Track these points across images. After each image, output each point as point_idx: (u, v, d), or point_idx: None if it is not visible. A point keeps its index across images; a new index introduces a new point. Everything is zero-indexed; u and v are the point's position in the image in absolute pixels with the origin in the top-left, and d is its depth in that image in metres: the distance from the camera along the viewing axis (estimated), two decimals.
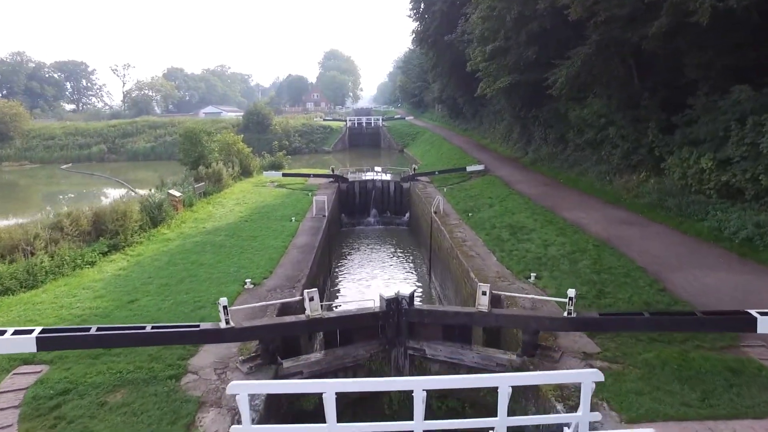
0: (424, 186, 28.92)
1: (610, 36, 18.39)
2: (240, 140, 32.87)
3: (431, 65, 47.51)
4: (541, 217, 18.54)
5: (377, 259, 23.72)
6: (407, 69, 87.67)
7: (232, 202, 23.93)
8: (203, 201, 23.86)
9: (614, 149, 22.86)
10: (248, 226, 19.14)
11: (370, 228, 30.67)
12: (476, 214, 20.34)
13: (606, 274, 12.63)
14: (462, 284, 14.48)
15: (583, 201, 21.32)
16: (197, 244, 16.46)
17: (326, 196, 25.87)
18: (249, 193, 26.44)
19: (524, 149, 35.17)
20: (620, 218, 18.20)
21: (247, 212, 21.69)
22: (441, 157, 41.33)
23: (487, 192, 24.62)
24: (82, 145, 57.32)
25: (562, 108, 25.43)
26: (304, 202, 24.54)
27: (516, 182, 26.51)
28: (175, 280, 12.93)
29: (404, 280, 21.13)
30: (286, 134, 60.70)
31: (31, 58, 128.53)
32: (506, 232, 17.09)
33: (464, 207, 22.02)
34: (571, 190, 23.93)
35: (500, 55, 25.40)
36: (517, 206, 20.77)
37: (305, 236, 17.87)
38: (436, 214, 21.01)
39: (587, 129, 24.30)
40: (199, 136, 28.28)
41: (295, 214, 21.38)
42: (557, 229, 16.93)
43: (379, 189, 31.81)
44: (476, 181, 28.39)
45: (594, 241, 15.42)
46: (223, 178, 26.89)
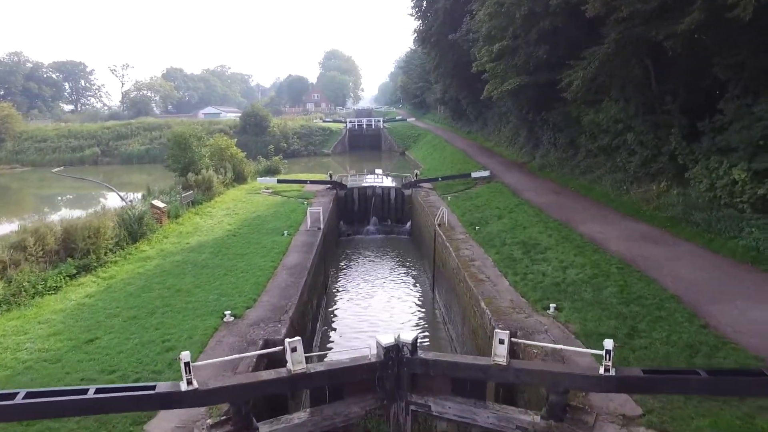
0: (427, 193, 27.36)
1: (631, 34, 16.79)
2: (233, 144, 31.33)
3: (433, 65, 45.91)
4: (556, 233, 16.96)
5: (377, 274, 22.15)
6: (408, 69, 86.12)
7: (221, 213, 22.39)
8: (191, 211, 22.33)
9: (631, 156, 21.27)
10: (236, 241, 17.60)
11: (370, 237, 29.14)
12: (484, 228, 18.76)
13: (636, 306, 11.05)
14: (471, 313, 12.92)
15: (599, 213, 19.73)
16: (177, 265, 14.92)
17: (323, 205, 24.40)
18: (241, 202, 24.90)
19: (531, 154, 33.57)
20: (642, 234, 16.61)
21: (237, 225, 20.15)
22: (444, 161, 39.76)
23: (494, 201, 23.05)
24: (74, 148, 55.80)
25: (574, 111, 23.84)
26: (298, 212, 23.00)
27: (524, 190, 24.93)
28: (146, 311, 11.38)
29: (405, 298, 19.56)
30: (284, 136, 59.14)
31: (28, 59, 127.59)
32: (518, 251, 15.52)
33: (470, 219, 20.45)
34: (583, 199, 22.34)
35: (508, 55, 23.82)
36: (527, 218, 19.19)
37: (297, 254, 16.31)
38: (441, 227, 19.45)
39: (602, 134, 22.70)
40: (188, 141, 26.75)
41: (288, 227, 19.84)
42: (574, 247, 15.36)
43: (380, 196, 30.27)
44: (482, 188, 26.81)
45: (617, 262, 13.84)
46: (213, 185, 25.36)
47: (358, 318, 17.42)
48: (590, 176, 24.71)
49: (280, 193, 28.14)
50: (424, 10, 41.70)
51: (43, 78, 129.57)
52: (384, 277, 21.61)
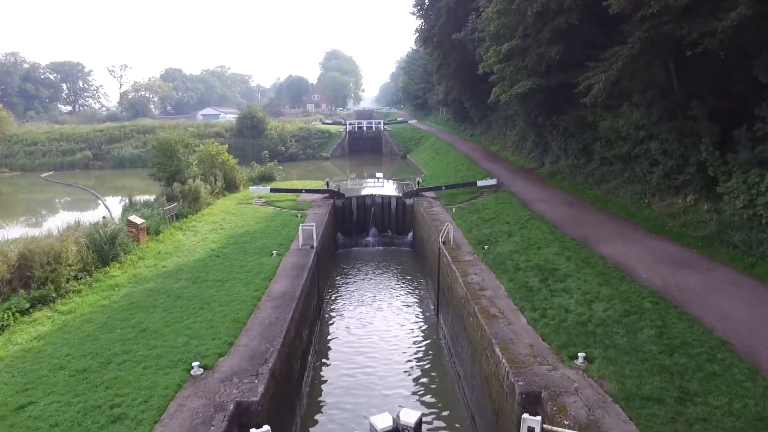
0: (430, 204, 25.58)
1: (658, 33, 15.02)
2: (224, 150, 29.57)
3: (436, 66, 44.13)
4: (574, 255, 15.17)
5: (376, 294, 20.38)
6: (410, 70, 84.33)
7: (207, 228, 20.64)
8: (175, 226, 20.58)
9: (653, 166, 19.48)
10: (218, 264, 15.83)
11: (369, 250, 27.37)
12: (494, 247, 16.97)
13: (682, 356, 9.27)
14: (483, 356, 11.13)
15: (619, 229, 17.94)
16: (149, 294, 13.17)
17: (317, 218, 22.69)
18: (230, 215, 23.14)
19: (540, 159, 31.79)
20: (671, 256, 14.82)
21: (222, 242, 18.39)
22: (447, 166, 37.96)
23: (503, 214, 21.27)
24: (65, 151, 54.00)
25: (590, 116, 22.04)
26: (291, 226, 21.23)
27: (535, 201, 23.15)
28: (101, 360, 9.63)
29: (406, 324, 17.79)
30: (281, 139, 57.35)
31: (25, 59, 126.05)
32: (534, 277, 13.73)
33: (478, 235, 18.65)
34: (600, 212, 20.55)
35: (518, 56, 22.05)
36: (541, 236, 17.41)
37: (285, 280, 14.54)
38: (446, 245, 17.68)
39: (620, 142, 20.90)
40: (174, 148, 25.00)
41: (278, 245, 18.08)
42: (598, 273, 13.57)
43: (379, 205, 28.49)
44: (489, 198, 25.03)
45: (649, 294, 12.05)
46: (200, 196, 23.61)
47: (354, 349, 15.66)
48: (606, 186, 22.93)
49: (273, 203, 26.38)
50: (426, 9, 39.93)
51: (41, 79, 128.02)
52: (383, 299, 19.83)
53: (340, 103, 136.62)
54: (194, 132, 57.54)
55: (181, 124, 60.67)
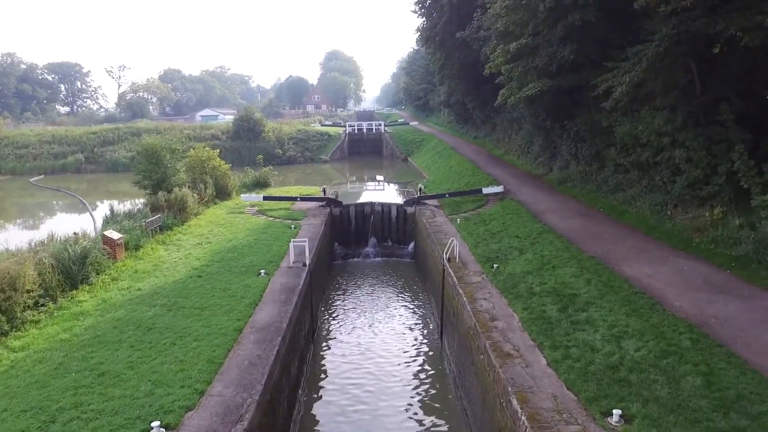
0: (433, 213, 24.03)
1: (687, 29, 13.47)
2: (216, 156, 28.05)
3: (438, 66, 42.60)
4: (595, 276, 13.61)
5: (375, 313, 18.84)
6: (411, 70, 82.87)
7: (192, 241, 19.12)
8: (157, 239, 19.06)
9: (675, 175, 17.88)
10: (200, 286, 14.29)
11: (368, 261, 25.82)
12: (504, 266, 15.41)
13: (741, 416, 7.69)
14: (497, 404, 9.58)
15: (641, 245, 16.37)
16: (116, 326, 11.64)
17: (312, 229, 21.18)
18: (219, 226, 21.62)
19: (547, 165, 30.22)
20: (704, 278, 13.25)
21: (207, 259, 16.86)
22: (450, 171, 36.41)
23: (511, 226, 19.72)
24: (57, 155, 52.49)
25: (605, 121, 20.47)
26: (284, 239, 19.70)
27: (545, 211, 21.60)
28: (42, 419, 8.11)
29: (408, 348, 16.24)
30: (279, 142, 55.79)
31: (22, 60, 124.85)
32: (552, 305, 12.17)
33: (486, 251, 17.10)
34: (617, 224, 18.99)
35: (527, 55, 20.52)
36: (555, 253, 15.85)
37: (272, 307, 13.00)
38: (451, 262, 16.14)
39: (639, 148, 19.33)
40: (160, 154, 23.48)
41: (268, 263, 16.56)
42: (623, 301, 12.01)
43: (379, 214, 26.94)
44: (495, 207, 23.48)
45: (686, 328, 10.48)
46: (187, 206, 22.07)
47: (350, 381, 14.11)
48: (621, 195, 21.35)
49: (266, 212, 24.86)
50: (428, 7, 38.37)
51: (38, 80, 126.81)
52: (383, 320, 18.26)
53: (340, 104, 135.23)
54: (189, 134, 56.15)
55: (176, 127, 59.23)
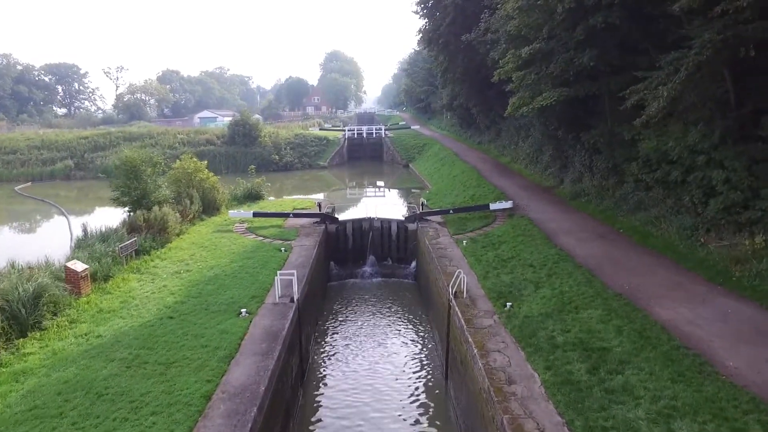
0: (436, 232, 22.12)
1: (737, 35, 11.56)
2: (203, 167, 26.17)
3: (441, 69, 40.65)
4: (626, 323, 11.70)
5: (373, 347, 16.94)
6: (412, 72, 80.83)
7: (170, 269, 17.24)
8: (131, 266, 17.22)
9: (709, 197, 15.98)
10: (170, 331, 12.42)
11: (367, 282, 23.92)
12: (518, 305, 13.51)
13: None
14: None
15: (673, 277, 14.46)
16: (62, 391, 9.77)
17: (305, 251, 19.32)
18: (202, 248, 19.74)
19: (558, 176, 28.33)
20: (755, 325, 11.33)
21: (183, 293, 14.97)
22: (453, 180, 34.49)
23: (524, 251, 17.81)
24: (45, 161, 50.64)
25: (627, 134, 18.54)
26: (272, 264, 17.84)
27: (559, 231, 19.72)
28: None
29: (410, 392, 14.34)
30: (276, 147, 53.83)
31: (18, 61, 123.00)
32: (580, 363, 10.26)
33: (497, 285, 15.18)
34: (642, 250, 17.07)
35: (540, 61, 18.61)
36: (576, 288, 13.96)
37: (251, 361, 11.11)
38: (457, 298, 14.24)
39: (666, 165, 17.42)
40: (139, 168, 21.63)
41: (251, 297, 14.69)
42: (664, 358, 10.10)
43: (378, 230, 25.06)
44: (504, 226, 21.57)
45: (752, 406, 8.54)
46: (168, 226, 20.20)
47: None
48: (643, 215, 19.44)
49: (256, 230, 22.97)
50: (431, 7, 36.42)
51: (34, 81, 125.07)
52: (382, 358, 16.33)
53: (340, 105, 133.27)
54: (183, 139, 54.37)
55: (170, 131, 57.32)
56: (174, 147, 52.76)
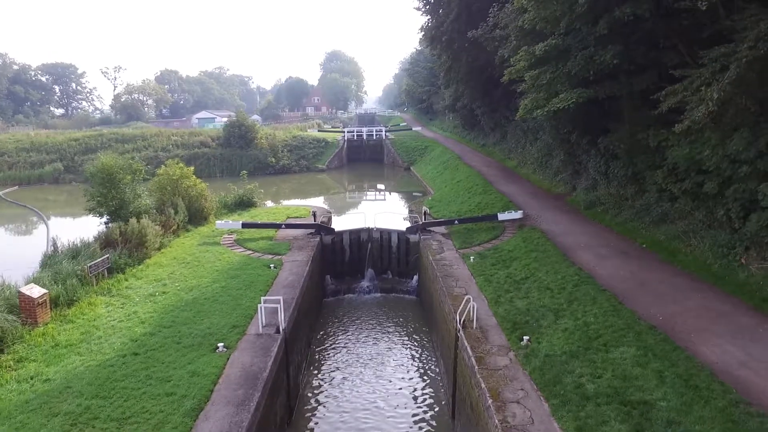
0: (440, 246, 20.33)
1: None
2: (191, 173, 24.38)
3: (444, 69, 38.83)
4: (668, 366, 9.90)
5: (372, 378, 15.12)
6: (414, 72, 79.08)
7: (145, 290, 15.45)
8: (102, 286, 15.45)
9: (750, 211, 14.17)
10: (132, 373, 10.63)
11: (365, 298, 22.11)
12: (537, 340, 11.70)
13: None
14: None
15: (712, 305, 12.66)
16: None
17: (297, 268, 17.57)
18: (183, 265, 17.96)
19: (570, 183, 26.52)
20: None
21: (155, 321, 13.19)
22: (457, 186, 32.66)
23: (539, 270, 16.00)
24: (34, 163, 48.90)
25: (653, 139, 16.72)
26: (259, 285, 16.06)
27: (576, 246, 17.95)
28: None
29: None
30: (272, 150, 51.99)
31: (14, 60, 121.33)
32: (620, 425, 8.44)
33: (511, 312, 13.37)
34: (671, 270, 15.28)
35: (556, 59, 16.80)
36: (602, 318, 12.15)
37: (223, 413, 9.32)
38: (466, 329, 12.45)
39: (698, 175, 15.61)
40: (116, 176, 19.88)
41: (232, 327, 12.91)
42: (723, 418, 8.31)
43: (377, 242, 23.27)
44: (515, 239, 19.78)
45: None
46: (147, 240, 18.42)
47: None
48: (668, 228, 17.66)
49: (245, 242, 21.19)
50: (433, 4, 34.58)
51: (31, 81, 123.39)
52: (382, 386, 14.54)
53: (341, 105, 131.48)
54: (177, 141, 52.62)
55: (164, 132, 55.53)
56: (167, 149, 51.04)
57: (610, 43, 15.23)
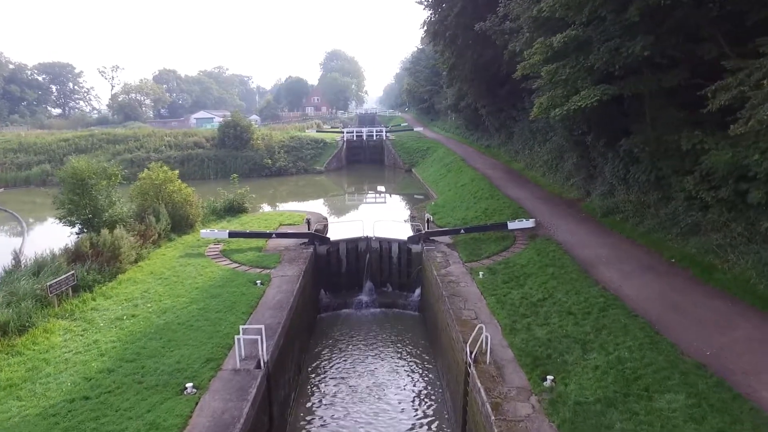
0: (445, 258, 18.51)
1: None
2: (175, 177, 22.59)
3: (448, 66, 36.98)
4: (731, 425, 8.11)
5: (369, 413, 13.31)
6: (415, 71, 77.25)
7: (113, 313, 13.64)
8: (65, 308, 13.66)
9: None
10: (76, 425, 8.83)
11: (363, 314, 20.30)
12: (563, 381, 9.87)
13: None
14: None
15: (765, 336, 10.82)
16: None
17: (286, 286, 15.80)
18: (161, 280, 16.16)
19: (583, 187, 24.68)
20: None
21: (117, 353, 11.38)
22: (462, 190, 30.83)
23: (557, 289, 14.18)
24: (21, 165, 47.16)
25: (686, 142, 14.87)
26: (241, 306, 14.26)
27: (596, 261, 16.14)
28: None
29: None
30: (269, 151, 50.17)
31: (10, 60, 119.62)
32: None
33: (529, 343, 11.53)
34: (708, 291, 13.44)
35: (576, 52, 14.97)
36: (639, 353, 10.34)
37: None
38: (478, 364, 10.63)
39: (735, 182, 13.79)
40: (88, 182, 18.12)
41: (206, 360, 11.10)
42: None
43: (376, 252, 21.48)
44: (527, 251, 17.96)
45: None
46: (121, 252, 16.62)
47: None
48: (700, 241, 15.80)
49: (232, 253, 19.40)
50: None
51: (27, 80, 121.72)
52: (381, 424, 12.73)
53: (341, 105, 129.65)
54: (170, 142, 50.82)
55: (157, 133, 53.76)
56: (160, 150, 49.27)
57: (640, 32, 13.41)
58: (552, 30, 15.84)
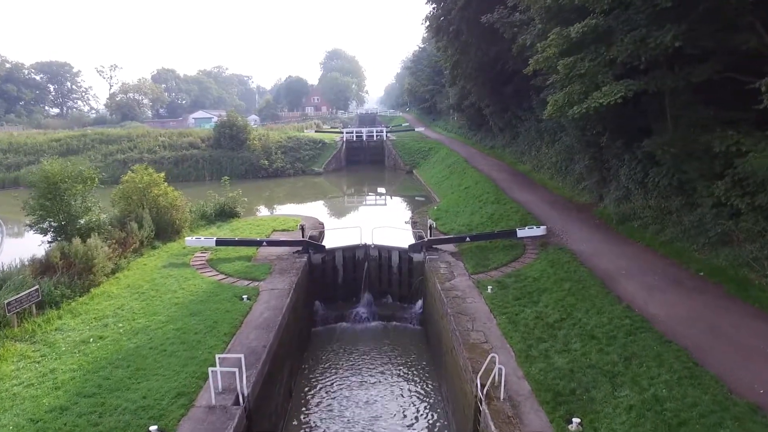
0: (449, 269, 17.03)
1: None
2: (161, 180, 21.14)
3: (451, 64, 35.50)
4: None
5: None
6: (417, 70, 75.84)
7: (78, 335, 12.17)
8: (25, 328, 12.21)
9: None
10: None
11: (361, 328, 18.83)
12: (592, 424, 8.39)
13: None
14: None
15: None
16: None
17: (275, 301, 14.32)
18: (137, 295, 14.69)
19: (596, 191, 23.20)
20: None
21: (73, 388, 9.90)
22: (466, 194, 29.35)
23: (576, 307, 12.70)
24: (10, 166, 45.78)
25: (719, 144, 13.37)
26: (224, 325, 12.79)
27: (616, 273, 14.70)
28: None
29: None
30: (265, 152, 48.72)
31: (7, 59, 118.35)
32: None
33: (548, 374, 10.04)
34: (747, 310, 11.98)
35: (596, 43, 13.49)
36: (680, 393, 8.88)
37: None
38: (491, 402, 9.15)
39: None
40: (60, 186, 16.71)
41: (177, 395, 9.63)
42: None
43: (375, 261, 20.01)
44: (539, 262, 16.48)
45: None
46: (95, 263, 15.16)
47: None
48: (731, 252, 14.35)
49: (219, 263, 17.94)
50: None
51: (24, 79, 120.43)
52: None
53: (341, 105, 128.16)
54: (165, 142, 49.38)
55: (151, 133, 52.34)
56: (154, 150, 47.86)
57: (668, 20, 11.93)
58: (566, 21, 14.37)
